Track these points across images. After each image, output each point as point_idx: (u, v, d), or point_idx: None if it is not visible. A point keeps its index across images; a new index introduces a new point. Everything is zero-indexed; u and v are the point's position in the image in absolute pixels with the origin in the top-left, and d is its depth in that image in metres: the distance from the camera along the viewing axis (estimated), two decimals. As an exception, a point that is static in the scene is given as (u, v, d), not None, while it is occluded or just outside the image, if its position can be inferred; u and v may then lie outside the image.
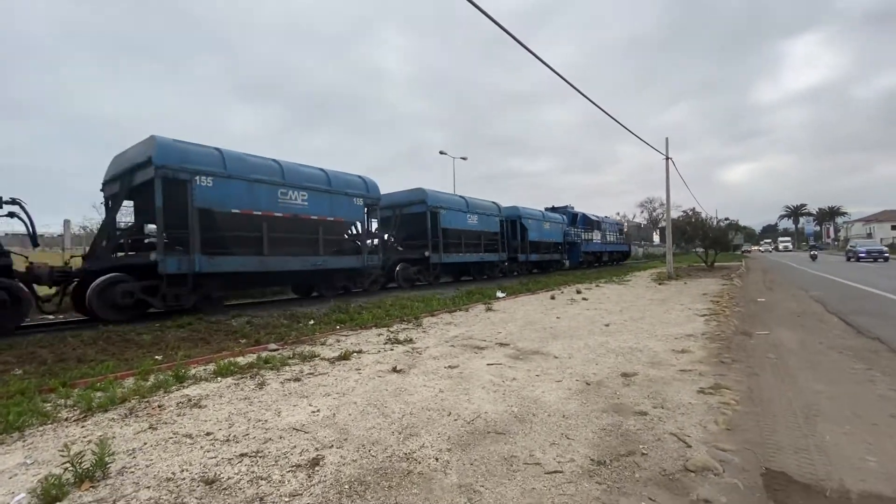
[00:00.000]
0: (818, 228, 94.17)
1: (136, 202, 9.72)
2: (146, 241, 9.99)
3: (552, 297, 12.43)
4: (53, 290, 8.43)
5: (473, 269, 18.92)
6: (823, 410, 3.59)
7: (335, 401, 3.98)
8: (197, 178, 8.87)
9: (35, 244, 8.42)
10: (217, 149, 9.62)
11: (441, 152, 32.42)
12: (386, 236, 15.98)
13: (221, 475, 2.64)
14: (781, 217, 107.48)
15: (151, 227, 9.89)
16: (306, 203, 10.93)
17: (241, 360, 5.52)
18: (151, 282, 8.52)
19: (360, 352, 5.99)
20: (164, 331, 6.99)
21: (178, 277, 8.76)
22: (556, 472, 2.65)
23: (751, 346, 6.04)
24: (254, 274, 10.10)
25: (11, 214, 7.83)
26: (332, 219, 11.61)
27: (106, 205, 9.94)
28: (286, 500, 2.37)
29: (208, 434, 3.26)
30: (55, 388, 4.28)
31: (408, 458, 2.84)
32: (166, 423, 3.48)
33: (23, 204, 7.91)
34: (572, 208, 29.12)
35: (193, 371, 5.01)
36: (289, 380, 4.68)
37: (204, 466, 2.75)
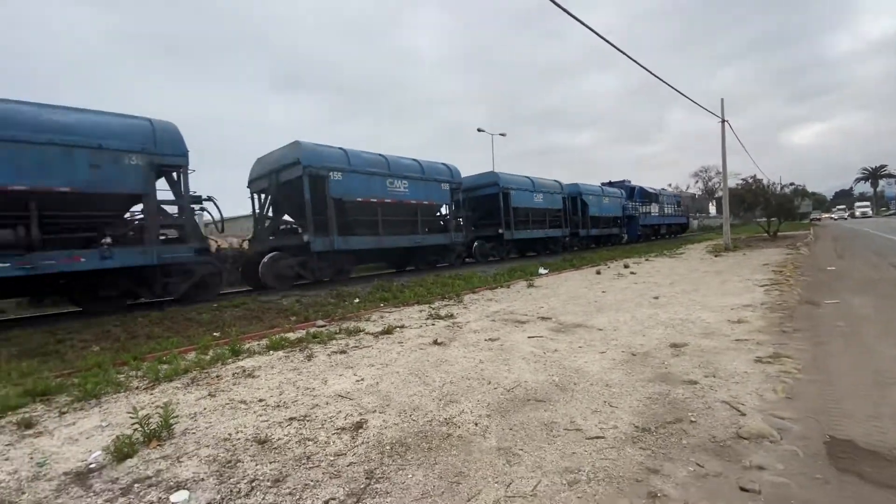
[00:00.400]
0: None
1: (281, 195, 11.44)
2: (291, 227, 12.11)
3: (597, 273, 12.07)
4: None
5: (538, 244, 19.84)
6: (901, 379, 3.27)
7: (378, 371, 4.10)
8: (331, 173, 10.83)
9: (222, 231, 10.08)
10: (341, 148, 11.43)
11: (479, 129, 31.90)
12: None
13: (272, 436, 2.79)
14: (857, 180, 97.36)
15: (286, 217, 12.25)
16: (407, 190, 12.68)
17: (291, 335, 5.79)
18: (303, 258, 10.58)
19: (402, 327, 6.11)
20: (221, 310, 7.45)
21: (322, 254, 10.73)
22: (597, 437, 2.60)
23: (817, 314, 5.59)
24: (373, 250, 12.26)
25: (203, 208, 9.59)
26: (427, 202, 13.35)
27: (256, 198, 12.06)
28: (331, 458, 2.48)
29: (261, 400, 3.46)
30: (127, 361, 4.69)
31: (447, 423, 2.88)
32: (223, 391, 3.72)
33: (215, 200, 9.52)
34: (630, 182, 29.02)
35: (248, 346, 5.31)
36: (335, 352, 4.86)
37: (256, 429, 2.93)
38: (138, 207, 8.06)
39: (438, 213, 14.53)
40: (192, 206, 8.90)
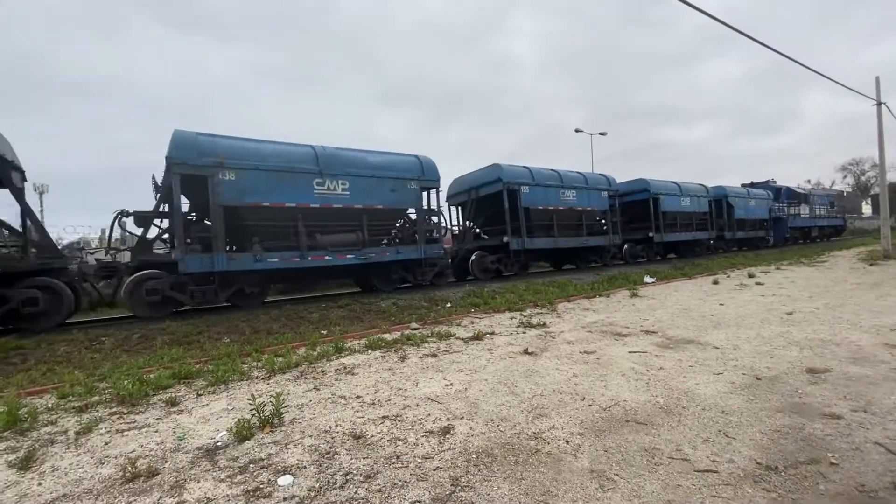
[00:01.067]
0: None
1: (478, 207, 13.82)
2: (482, 232, 14.54)
3: (715, 283, 10.81)
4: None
5: (684, 246, 20.14)
6: None
7: (467, 377, 4.12)
8: (522, 187, 13.09)
9: (445, 234, 12.53)
10: (526, 167, 13.65)
11: (577, 130, 30.68)
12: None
13: (367, 432, 2.95)
14: None
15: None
16: (575, 198, 14.58)
17: (387, 336, 6.10)
18: (501, 255, 12.87)
19: (492, 333, 6.07)
20: (328, 310, 8.12)
21: (517, 252, 13.03)
22: (708, 470, 2.30)
23: None
24: (549, 250, 14.42)
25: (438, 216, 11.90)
26: (590, 209, 15.17)
27: (457, 210, 14.93)
28: (419, 461, 2.54)
29: (358, 397, 3.68)
30: (250, 353, 5.34)
31: (536, 437, 2.78)
32: (326, 386, 4.04)
33: (441, 211, 11.67)
34: (774, 182, 27.94)
35: (349, 344, 5.71)
36: (426, 355, 4.99)
37: (353, 424, 3.12)
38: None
39: (598, 218, 16.06)
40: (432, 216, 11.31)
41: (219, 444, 2.91)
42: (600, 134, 31.73)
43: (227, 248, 8.44)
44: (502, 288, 10.55)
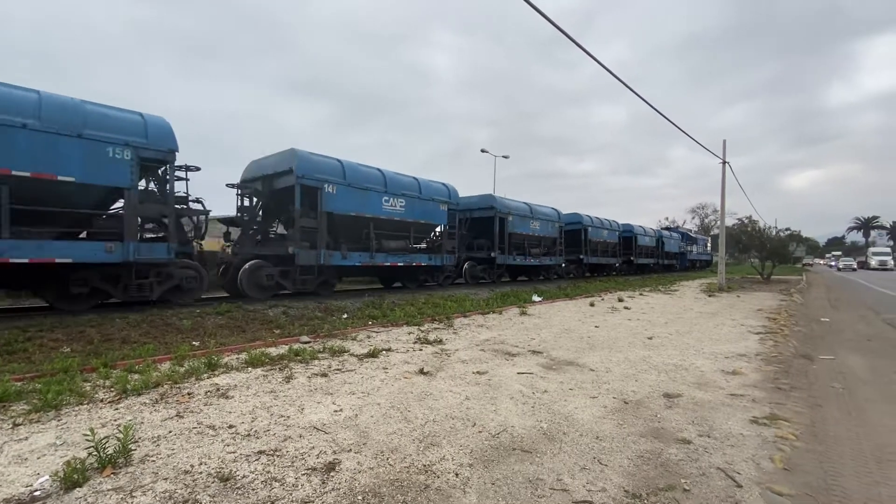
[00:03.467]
0: (892, 243, 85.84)
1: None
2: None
3: (591, 304, 11.95)
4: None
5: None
6: (902, 455, 3.13)
7: (359, 400, 3.91)
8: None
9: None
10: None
11: (483, 150, 32.07)
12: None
13: (237, 473, 2.60)
14: (850, 229, 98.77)
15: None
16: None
17: (272, 350, 5.59)
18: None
19: (388, 350, 5.92)
20: (203, 317, 7.22)
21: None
22: (584, 501, 2.43)
23: (813, 371, 5.47)
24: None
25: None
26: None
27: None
28: (297, 506, 2.29)
29: (231, 427, 3.26)
30: (96, 367, 4.47)
31: (426, 471, 2.70)
32: (193, 412, 3.52)
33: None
34: (678, 226, 41.61)
35: (226, 359, 5.11)
36: (316, 374, 4.66)
37: (222, 461, 2.73)
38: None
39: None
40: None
41: (37, 493, 2.33)
42: (503, 156, 33.54)
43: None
44: (402, 300, 10.44)
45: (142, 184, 8.02)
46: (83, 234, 7.54)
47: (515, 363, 5.44)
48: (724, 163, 19.10)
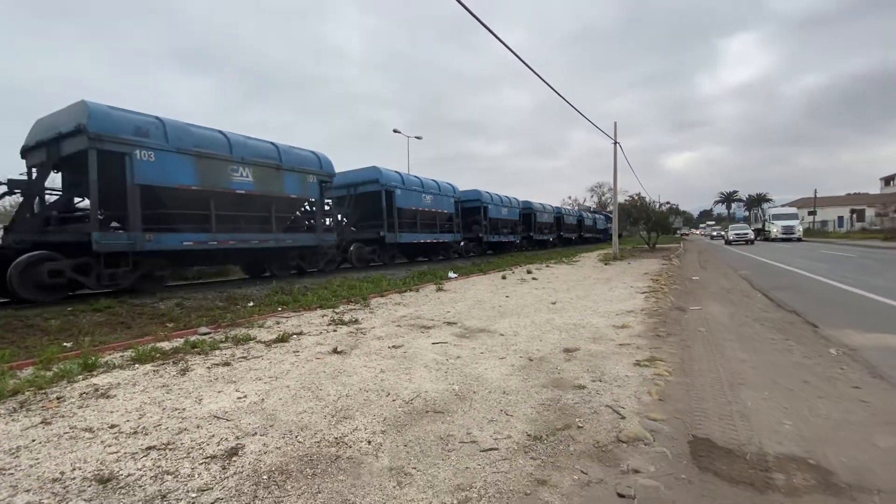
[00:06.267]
0: (747, 213, 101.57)
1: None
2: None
3: (503, 277, 12.54)
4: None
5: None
6: (747, 379, 3.76)
7: (266, 385, 3.72)
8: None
9: None
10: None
11: (395, 131, 31.65)
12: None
13: (120, 472, 2.34)
14: (716, 202, 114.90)
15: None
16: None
17: (165, 345, 5.07)
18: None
19: (300, 334, 5.69)
20: (77, 315, 6.30)
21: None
22: (491, 449, 2.57)
23: (685, 320, 6.31)
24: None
25: None
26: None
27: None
28: (193, 496, 2.13)
29: (112, 427, 2.91)
30: (-70, 381, 3.69)
31: (337, 443, 2.66)
32: (63, 417, 3.08)
33: None
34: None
35: (107, 358, 4.53)
36: (217, 364, 4.33)
37: (101, 463, 2.44)
38: None
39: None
40: None
41: None
42: (416, 137, 33.41)
43: None
44: (316, 284, 10.06)
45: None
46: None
47: (430, 335, 5.54)
48: (616, 143, 20.93)
